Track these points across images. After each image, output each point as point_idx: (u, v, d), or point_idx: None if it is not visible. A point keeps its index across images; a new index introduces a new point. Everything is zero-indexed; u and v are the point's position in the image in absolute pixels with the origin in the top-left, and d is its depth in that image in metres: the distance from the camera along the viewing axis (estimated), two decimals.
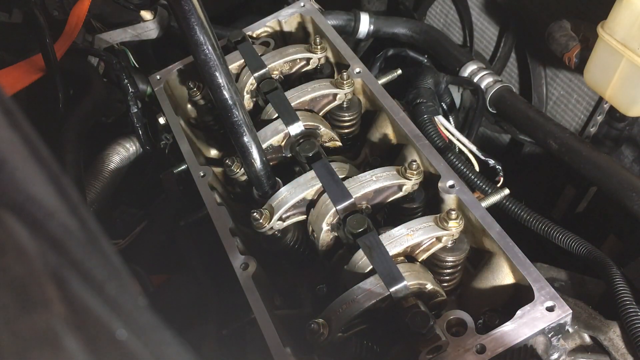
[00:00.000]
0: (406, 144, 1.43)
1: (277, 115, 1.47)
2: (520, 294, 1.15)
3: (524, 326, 1.06)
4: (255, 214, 1.30)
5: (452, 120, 1.87)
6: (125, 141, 1.94)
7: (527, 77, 2.08)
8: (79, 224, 0.45)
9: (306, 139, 1.43)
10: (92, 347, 0.39)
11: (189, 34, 1.13)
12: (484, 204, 1.26)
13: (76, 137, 1.71)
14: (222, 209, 1.38)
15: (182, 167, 1.59)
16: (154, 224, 1.84)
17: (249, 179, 1.41)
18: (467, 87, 2.03)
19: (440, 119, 1.66)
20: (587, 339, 1.25)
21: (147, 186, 2.04)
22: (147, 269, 1.63)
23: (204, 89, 1.68)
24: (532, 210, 1.50)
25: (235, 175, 1.45)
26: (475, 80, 1.88)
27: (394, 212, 1.35)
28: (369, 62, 2.05)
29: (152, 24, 2.09)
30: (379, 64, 2.09)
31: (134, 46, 2.12)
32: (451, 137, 1.63)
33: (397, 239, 1.18)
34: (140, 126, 1.94)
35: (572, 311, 1.07)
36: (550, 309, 1.07)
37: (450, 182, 1.27)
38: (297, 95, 1.51)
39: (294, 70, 1.65)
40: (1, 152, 0.42)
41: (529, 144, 2.00)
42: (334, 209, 1.26)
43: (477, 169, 1.57)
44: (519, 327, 1.06)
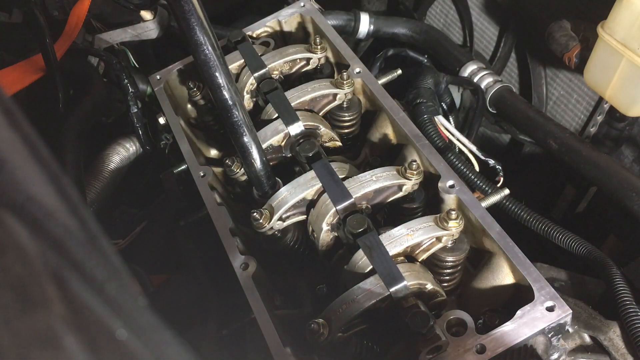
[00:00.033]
0: (406, 144, 1.43)
1: (277, 115, 1.47)
2: (520, 294, 1.15)
3: (524, 326, 1.06)
4: (255, 214, 1.30)
5: (452, 120, 1.87)
6: (125, 141, 1.94)
7: (527, 77, 2.08)
8: (79, 224, 0.45)
9: (306, 139, 1.43)
10: (92, 347, 0.39)
11: (189, 34, 1.13)
12: (484, 204, 1.26)
13: (76, 137, 1.71)
14: (222, 209, 1.38)
15: (182, 167, 1.59)
16: (154, 224, 1.84)
17: (249, 179, 1.41)
18: (467, 87, 2.03)
19: (440, 119, 1.66)
20: (587, 339, 1.25)
21: (147, 186, 2.04)
22: (147, 269, 1.63)
23: (204, 89, 1.68)
24: (532, 210, 1.50)
25: (235, 175, 1.45)
26: (475, 80, 1.88)
27: (394, 212, 1.35)
28: (369, 62, 2.05)
29: (152, 24, 2.09)
30: (379, 64, 2.09)
31: (134, 46, 2.12)
32: (451, 137, 1.62)
33: (397, 239, 1.18)
34: (140, 126, 1.94)
35: (572, 311, 1.07)
36: (550, 309, 1.07)
37: (450, 182, 1.27)
38: (297, 95, 1.51)
39: (294, 70, 1.65)
40: (1, 152, 0.42)
41: (529, 144, 2.00)
42: (334, 209, 1.26)
43: (477, 169, 1.57)
44: (519, 327, 1.06)
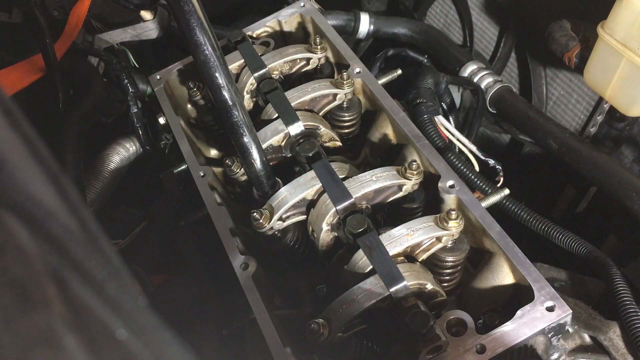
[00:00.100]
0: (406, 144, 1.43)
1: (277, 115, 1.47)
2: (520, 294, 1.15)
3: (524, 326, 1.06)
4: (255, 214, 1.30)
5: (452, 120, 1.87)
6: (125, 141, 1.94)
7: (527, 77, 2.08)
8: (79, 224, 0.45)
9: (306, 139, 1.43)
10: (92, 347, 0.39)
11: (189, 35, 1.13)
12: (484, 204, 1.26)
13: (76, 137, 1.71)
14: (222, 209, 1.38)
15: (182, 167, 1.59)
16: (154, 224, 1.84)
17: (249, 179, 1.41)
18: (467, 87, 2.03)
19: (440, 119, 1.66)
20: (587, 339, 1.25)
21: (147, 186, 2.04)
22: (147, 269, 1.63)
23: (204, 89, 1.68)
24: (532, 210, 1.50)
25: (235, 175, 1.45)
26: (475, 80, 1.88)
27: (394, 212, 1.35)
28: (369, 62, 2.05)
29: (152, 24, 2.09)
30: (379, 64, 2.09)
31: (134, 46, 2.12)
32: (451, 137, 1.62)
33: (397, 239, 1.18)
34: (140, 126, 1.94)
35: (572, 311, 1.07)
36: (550, 309, 1.07)
37: (450, 182, 1.27)
38: (297, 95, 1.51)
39: (294, 70, 1.65)
40: (1, 152, 0.42)
41: (529, 144, 2.00)
42: (334, 209, 1.26)
43: (477, 169, 1.57)
44: (519, 327, 1.06)
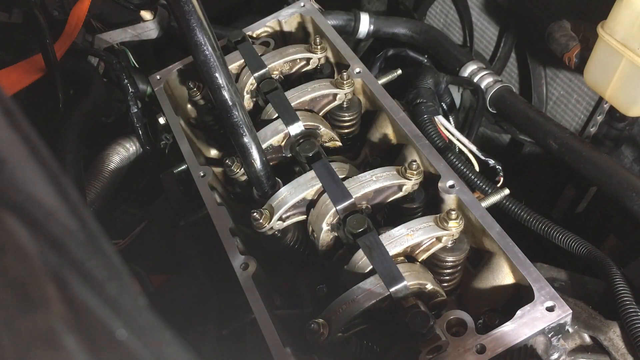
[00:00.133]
0: (406, 144, 1.43)
1: (277, 115, 1.47)
2: (520, 294, 1.15)
3: (524, 326, 1.06)
4: (255, 214, 1.30)
5: (452, 120, 1.87)
6: (125, 141, 1.94)
7: (527, 77, 2.08)
8: (79, 224, 0.45)
9: (306, 139, 1.43)
10: (92, 347, 0.39)
11: (189, 35, 1.12)
12: (484, 204, 1.26)
13: (76, 137, 1.71)
14: (222, 209, 1.38)
15: (182, 167, 1.59)
16: (154, 224, 1.84)
17: (249, 179, 1.41)
18: (467, 87, 2.03)
19: (440, 119, 1.66)
20: (587, 339, 1.25)
21: (147, 186, 2.04)
22: (147, 269, 1.63)
23: (204, 89, 1.68)
24: (532, 210, 1.50)
25: (235, 175, 1.45)
26: (475, 80, 1.88)
27: (394, 212, 1.35)
28: (369, 62, 2.05)
29: (152, 24, 2.09)
30: (379, 64, 2.09)
31: (134, 46, 2.12)
32: (451, 137, 1.62)
33: (397, 239, 1.18)
34: (140, 126, 1.94)
35: (572, 311, 1.07)
36: (550, 309, 1.07)
37: (450, 182, 1.27)
38: (297, 95, 1.51)
39: (294, 70, 1.65)
40: (1, 152, 0.42)
41: (529, 144, 2.00)
42: (334, 209, 1.26)
43: (477, 169, 1.57)
44: (519, 327, 1.06)
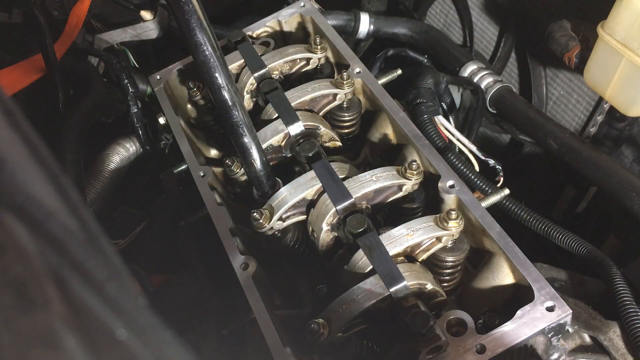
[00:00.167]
0: (406, 144, 1.43)
1: (277, 115, 1.47)
2: (520, 294, 1.15)
3: (524, 326, 1.06)
4: (255, 214, 1.30)
5: (452, 120, 1.87)
6: (125, 141, 1.94)
7: (527, 77, 2.08)
8: (79, 224, 0.45)
9: (306, 139, 1.43)
10: (92, 347, 0.39)
11: (189, 35, 1.12)
12: (484, 204, 1.26)
13: (76, 137, 1.71)
14: (222, 209, 1.38)
15: (182, 167, 1.59)
16: (154, 224, 1.84)
17: (249, 179, 1.41)
18: (467, 87, 2.03)
19: (440, 119, 1.66)
20: (587, 339, 1.25)
21: (147, 186, 2.04)
22: (147, 269, 1.63)
23: (204, 89, 1.68)
24: (532, 210, 1.50)
25: (235, 175, 1.45)
26: (475, 80, 1.88)
27: (394, 212, 1.35)
28: (369, 62, 2.05)
29: (152, 24, 2.09)
30: (379, 64, 2.09)
31: (134, 46, 2.12)
32: (451, 137, 1.62)
33: (397, 239, 1.18)
34: (140, 126, 1.94)
35: (572, 311, 1.07)
36: (550, 309, 1.07)
37: (450, 182, 1.27)
38: (297, 95, 1.51)
39: (294, 70, 1.65)
40: (1, 152, 0.42)
41: (529, 144, 2.00)
42: (334, 209, 1.26)
43: (477, 169, 1.57)
44: (519, 327, 1.06)
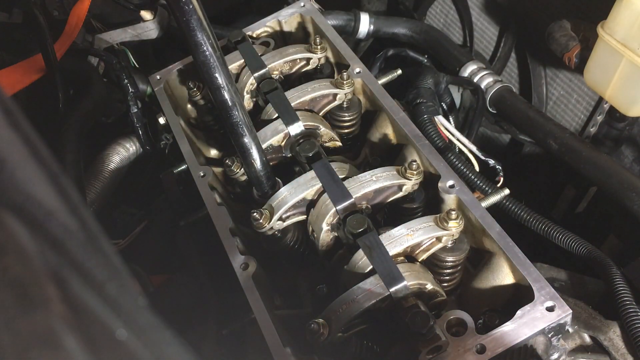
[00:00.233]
0: (406, 144, 1.43)
1: (277, 115, 1.47)
2: (520, 294, 1.15)
3: (524, 326, 1.06)
4: (255, 214, 1.30)
5: (452, 120, 1.87)
6: (125, 141, 1.94)
7: (527, 77, 2.08)
8: (79, 224, 0.45)
9: (306, 139, 1.43)
10: (92, 347, 0.39)
11: (189, 35, 1.12)
12: (484, 204, 1.26)
13: (76, 137, 1.71)
14: (222, 209, 1.38)
15: (182, 167, 1.59)
16: (154, 224, 1.84)
17: (249, 179, 1.41)
18: (467, 87, 2.03)
19: (440, 119, 1.66)
20: (587, 339, 1.25)
21: (147, 186, 2.04)
22: (147, 269, 1.63)
23: (204, 89, 1.68)
24: (532, 210, 1.50)
25: (235, 175, 1.45)
26: (475, 80, 1.88)
27: (394, 212, 1.35)
28: (369, 62, 2.05)
29: (152, 24, 2.09)
30: (379, 64, 2.09)
31: (134, 46, 2.12)
32: (451, 137, 1.62)
33: (397, 239, 1.18)
34: (140, 126, 1.94)
35: (572, 311, 1.07)
36: (550, 309, 1.07)
37: (450, 182, 1.27)
38: (297, 95, 1.51)
39: (294, 70, 1.65)
40: (1, 152, 0.42)
41: (529, 144, 2.00)
42: (334, 209, 1.26)
43: (477, 169, 1.57)
44: (519, 327, 1.06)
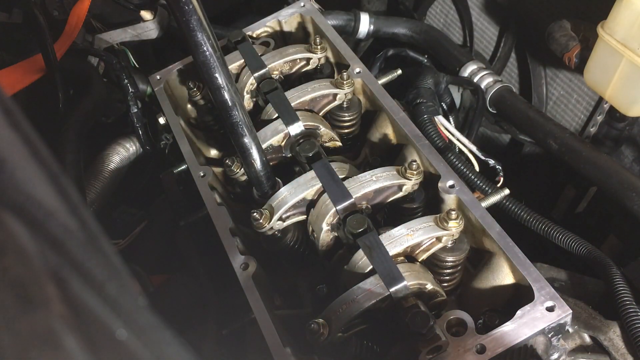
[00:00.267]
0: (406, 144, 1.43)
1: (277, 115, 1.47)
2: (520, 294, 1.15)
3: (524, 326, 1.06)
4: (255, 214, 1.30)
5: (452, 120, 1.87)
6: (125, 141, 1.94)
7: (527, 77, 2.08)
8: (79, 224, 0.45)
9: (306, 139, 1.43)
10: (92, 347, 0.39)
11: (189, 35, 1.12)
12: (484, 204, 1.26)
13: (76, 137, 1.71)
14: (222, 209, 1.38)
15: (182, 167, 1.59)
16: (154, 224, 1.84)
17: (249, 179, 1.41)
18: (467, 87, 2.03)
19: (440, 119, 1.66)
20: (587, 339, 1.25)
21: (147, 186, 2.04)
22: (147, 269, 1.63)
23: (204, 89, 1.68)
24: (532, 210, 1.50)
25: (235, 175, 1.45)
26: (475, 80, 1.88)
27: (394, 212, 1.35)
28: (369, 62, 2.05)
29: (152, 24, 2.09)
30: (379, 64, 2.09)
31: (134, 46, 2.12)
32: (451, 137, 1.62)
33: (397, 239, 1.18)
34: (140, 126, 1.94)
35: (572, 311, 1.07)
36: (550, 309, 1.07)
37: (450, 182, 1.27)
38: (297, 95, 1.51)
39: (294, 70, 1.65)
40: (1, 152, 0.42)
41: (529, 144, 2.00)
42: (334, 209, 1.26)
43: (477, 169, 1.57)
44: (519, 327, 1.06)
